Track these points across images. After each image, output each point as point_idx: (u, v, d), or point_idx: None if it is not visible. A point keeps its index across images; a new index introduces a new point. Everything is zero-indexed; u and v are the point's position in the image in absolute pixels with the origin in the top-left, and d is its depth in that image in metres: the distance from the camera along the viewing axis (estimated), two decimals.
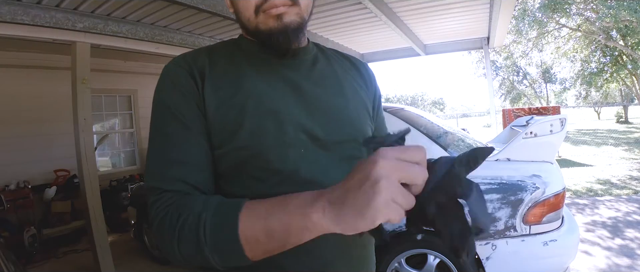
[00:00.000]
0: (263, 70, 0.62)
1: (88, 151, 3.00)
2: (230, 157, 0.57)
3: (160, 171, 0.56)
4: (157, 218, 0.52)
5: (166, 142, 0.57)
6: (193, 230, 0.48)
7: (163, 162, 0.56)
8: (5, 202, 3.22)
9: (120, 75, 5.38)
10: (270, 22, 0.57)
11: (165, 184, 0.54)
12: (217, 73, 0.60)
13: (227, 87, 0.59)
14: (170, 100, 0.58)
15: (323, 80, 0.66)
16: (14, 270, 1.70)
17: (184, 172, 0.55)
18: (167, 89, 0.59)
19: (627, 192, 4.62)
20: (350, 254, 0.63)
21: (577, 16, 12.98)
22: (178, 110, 0.57)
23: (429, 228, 0.40)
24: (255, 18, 0.58)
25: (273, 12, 0.56)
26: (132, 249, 3.83)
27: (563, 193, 1.90)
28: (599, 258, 2.76)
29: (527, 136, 1.98)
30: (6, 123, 4.13)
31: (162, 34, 3.64)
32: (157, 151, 0.58)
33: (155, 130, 0.59)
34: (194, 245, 0.48)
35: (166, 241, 0.50)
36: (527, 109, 6.96)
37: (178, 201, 0.52)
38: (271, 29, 0.57)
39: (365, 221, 0.37)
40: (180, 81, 0.59)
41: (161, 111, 0.59)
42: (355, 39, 5.34)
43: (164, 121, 0.58)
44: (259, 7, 0.56)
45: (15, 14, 2.54)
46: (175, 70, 0.60)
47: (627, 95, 19.84)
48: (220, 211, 0.48)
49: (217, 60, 0.62)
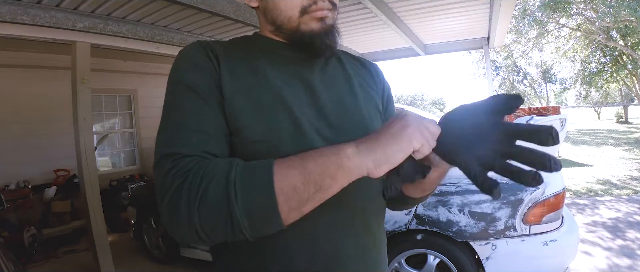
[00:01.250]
0: (279, 67, 0.63)
1: (88, 151, 3.00)
2: (245, 148, 0.56)
3: (179, 138, 0.52)
4: (172, 186, 0.47)
5: (184, 115, 0.55)
6: (220, 191, 0.45)
7: (182, 131, 0.53)
8: (5, 202, 3.22)
9: (120, 75, 5.38)
10: (313, 23, 0.59)
11: (185, 150, 0.51)
12: (233, 61, 0.60)
13: (243, 76, 0.59)
14: (187, 77, 0.57)
15: (335, 80, 0.67)
16: (14, 270, 1.70)
17: (205, 141, 0.53)
18: (184, 66, 0.59)
19: (627, 192, 4.62)
20: (365, 255, 0.63)
21: (577, 16, 12.97)
22: (195, 85, 0.56)
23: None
24: (298, 18, 0.59)
25: (319, 14, 0.58)
26: (132, 249, 3.83)
27: (563, 193, 1.90)
28: (599, 259, 2.76)
29: None
30: (6, 123, 4.13)
31: (162, 34, 3.64)
32: (174, 122, 0.54)
33: (171, 105, 0.56)
34: (220, 209, 0.45)
35: (182, 212, 0.46)
36: (527, 109, 6.93)
37: (198, 165, 0.48)
38: (313, 30, 0.59)
39: (400, 145, 0.46)
40: (198, 59, 0.59)
41: (177, 87, 0.57)
42: (355, 39, 5.34)
43: (181, 96, 0.56)
44: (306, 8, 0.58)
45: (15, 14, 2.54)
46: (192, 50, 0.60)
47: (627, 95, 19.85)
48: (250, 166, 0.47)
49: (232, 50, 0.63)
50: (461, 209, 1.94)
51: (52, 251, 3.89)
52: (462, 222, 1.93)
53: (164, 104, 0.58)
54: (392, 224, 2.08)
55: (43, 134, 4.44)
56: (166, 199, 0.48)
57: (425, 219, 2.01)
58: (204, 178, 0.46)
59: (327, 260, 0.58)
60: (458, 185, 1.99)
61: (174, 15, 3.36)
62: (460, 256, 1.97)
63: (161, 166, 0.51)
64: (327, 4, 0.59)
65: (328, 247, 0.59)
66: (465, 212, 1.93)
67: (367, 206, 0.64)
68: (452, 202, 1.97)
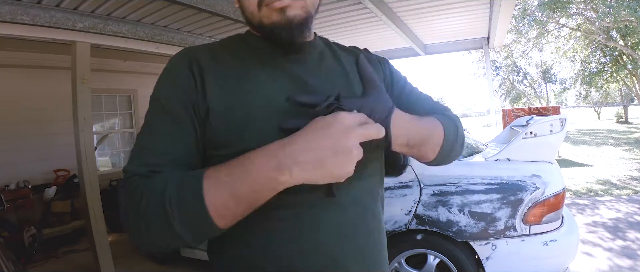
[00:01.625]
0: (269, 66, 0.61)
1: (88, 151, 3.00)
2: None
3: (135, 155, 0.55)
4: (123, 203, 0.52)
5: (150, 132, 0.57)
6: (158, 210, 0.47)
7: (140, 149, 0.56)
8: (5, 202, 3.22)
9: (120, 75, 5.38)
10: (273, 15, 0.55)
11: (135, 167, 0.54)
12: (221, 69, 0.59)
13: (231, 85, 0.58)
14: (163, 93, 0.58)
15: (331, 74, 0.65)
16: (14, 270, 1.70)
17: (159, 161, 0.54)
18: (164, 81, 0.59)
19: (627, 192, 4.62)
20: (365, 257, 0.62)
21: (577, 16, 12.97)
22: (168, 103, 0.57)
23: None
24: (258, 12, 0.57)
25: (276, 5, 0.54)
26: (132, 249, 3.83)
27: (563, 193, 1.90)
28: (600, 259, 2.76)
29: (527, 136, 1.98)
30: (6, 123, 4.13)
31: (162, 34, 3.64)
32: (139, 139, 0.57)
33: (145, 120, 0.59)
34: (163, 225, 0.47)
35: (133, 226, 0.50)
36: (527, 109, 6.96)
37: (140, 184, 0.51)
38: (274, 23, 0.56)
39: (335, 179, 0.47)
40: (178, 75, 0.58)
41: (153, 103, 0.59)
42: (355, 39, 5.34)
43: (153, 113, 0.58)
44: (261, 0, 0.55)
45: (15, 14, 2.54)
46: (176, 64, 0.60)
47: (627, 95, 19.85)
48: (183, 183, 0.49)
49: (222, 56, 0.61)
50: (461, 209, 1.94)
51: (52, 251, 3.89)
52: (462, 222, 1.93)
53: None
54: (392, 224, 2.07)
55: (43, 134, 4.44)
56: (121, 214, 0.52)
57: (425, 219, 2.01)
58: (143, 197, 0.49)
59: (327, 262, 0.58)
60: (458, 185, 1.99)
61: (174, 15, 3.36)
62: (460, 256, 1.97)
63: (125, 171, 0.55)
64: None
65: (327, 249, 0.58)
66: (465, 212, 1.93)
67: (365, 207, 0.63)
68: (452, 202, 1.96)
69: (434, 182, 2.04)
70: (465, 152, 2.29)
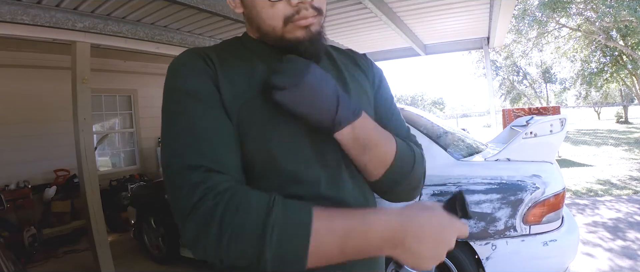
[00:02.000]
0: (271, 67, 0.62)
1: (88, 151, 3.00)
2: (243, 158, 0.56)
3: (196, 151, 0.51)
4: (202, 205, 0.47)
5: (193, 125, 0.53)
6: (257, 231, 0.45)
7: (196, 144, 0.52)
8: (5, 202, 3.22)
9: (120, 75, 5.38)
10: (298, 32, 0.57)
11: (214, 164, 0.50)
12: (228, 67, 0.59)
13: (240, 82, 0.58)
14: (187, 84, 0.56)
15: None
16: (14, 270, 1.70)
17: (222, 152, 0.52)
18: (182, 74, 0.57)
19: (627, 192, 4.62)
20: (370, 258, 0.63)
21: (577, 16, 12.97)
22: (197, 91, 0.55)
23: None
24: (282, 28, 0.57)
25: (303, 23, 0.57)
26: (132, 249, 3.83)
27: (563, 193, 1.90)
28: (601, 260, 2.76)
29: (527, 136, 1.98)
30: (6, 123, 4.13)
31: (162, 34, 3.64)
32: (183, 135, 0.53)
33: (174, 117, 0.55)
34: (252, 247, 0.45)
35: (211, 237, 0.46)
36: (527, 109, 6.95)
37: (234, 191, 0.48)
38: (298, 38, 0.58)
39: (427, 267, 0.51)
40: (195, 65, 0.58)
41: (178, 97, 0.56)
42: (355, 39, 5.34)
43: (184, 105, 0.55)
44: (289, 18, 0.56)
45: (15, 14, 2.54)
46: (188, 57, 0.59)
47: (627, 95, 19.84)
48: (291, 213, 0.47)
49: (226, 56, 0.62)
50: None
51: (52, 251, 3.89)
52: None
53: (165, 114, 0.56)
54: None
55: (43, 134, 4.44)
56: (194, 217, 0.47)
57: None
58: (240, 210, 0.46)
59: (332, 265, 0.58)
60: (458, 185, 1.99)
61: (174, 15, 3.36)
62: (460, 256, 1.97)
63: (182, 178, 0.50)
64: (311, 11, 0.57)
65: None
66: None
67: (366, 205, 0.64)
68: None
69: (433, 182, 2.04)
70: (465, 152, 2.29)
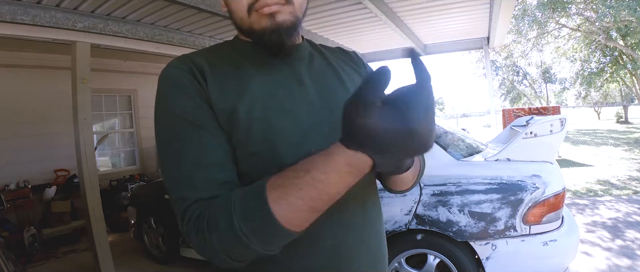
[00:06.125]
0: (264, 70, 0.61)
1: (88, 151, 3.00)
2: (244, 161, 0.56)
3: (184, 178, 0.53)
4: (191, 233, 0.51)
5: (183, 150, 0.54)
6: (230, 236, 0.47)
7: (185, 171, 0.53)
8: (5, 202, 3.23)
9: (120, 75, 5.39)
10: (263, 21, 0.56)
11: (192, 193, 0.52)
12: (218, 74, 0.59)
13: (232, 89, 0.57)
14: (177, 105, 0.55)
15: (322, 74, 0.66)
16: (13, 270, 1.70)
17: (211, 173, 0.53)
18: (170, 93, 0.56)
19: (627, 192, 4.62)
20: (369, 248, 0.64)
21: (577, 16, 12.97)
22: (187, 113, 0.55)
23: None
24: (248, 18, 0.57)
25: (265, 10, 0.55)
26: (132, 249, 3.83)
27: (563, 193, 1.90)
28: (599, 259, 2.76)
29: (527, 136, 1.98)
30: (6, 123, 4.13)
31: (162, 34, 3.64)
32: (174, 161, 0.54)
33: (167, 139, 0.55)
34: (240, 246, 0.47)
35: (209, 254, 0.50)
36: (527, 109, 6.96)
37: (202, 215, 0.50)
38: (264, 28, 0.56)
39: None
40: (183, 82, 0.56)
41: (169, 119, 0.56)
42: (355, 39, 5.34)
43: (175, 128, 0.55)
44: (251, 6, 0.56)
45: (15, 14, 2.54)
46: (175, 73, 0.57)
47: (627, 95, 19.83)
48: (246, 202, 0.47)
49: (216, 61, 0.61)
50: (461, 209, 1.94)
51: (52, 251, 3.89)
52: (462, 222, 1.93)
53: (158, 136, 0.57)
54: (392, 224, 2.08)
55: (43, 134, 4.44)
56: (193, 243, 0.51)
57: (425, 219, 2.01)
58: (211, 230, 0.48)
59: (331, 256, 0.58)
60: (458, 185, 1.99)
61: (174, 15, 3.36)
62: (460, 256, 1.97)
63: (177, 208, 0.53)
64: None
65: (331, 243, 0.58)
66: (465, 212, 1.93)
67: (365, 197, 0.64)
68: (452, 202, 1.97)
69: (434, 182, 2.04)
70: (465, 152, 2.29)
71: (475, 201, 1.93)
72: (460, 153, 2.23)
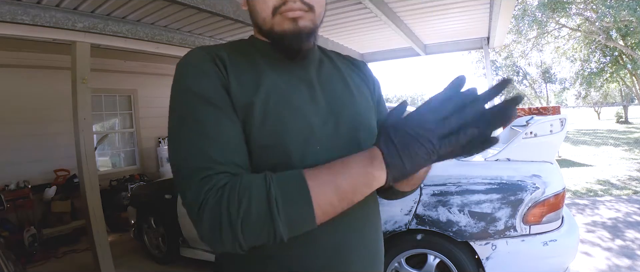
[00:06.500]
0: (278, 69, 0.63)
1: (88, 151, 3.00)
2: (254, 153, 0.57)
3: (203, 154, 0.52)
4: (207, 204, 0.49)
5: (202, 127, 0.53)
6: (263, 209, 0.48)
7: (204, 146, 0.52)
8: (5, 202, 3.23)
9: (120, 75, 5.38)
10: (285, 24, 0.58)
11: (214, 164, 0.51)
12: (237, 67, 0.60)
13: (248, 83, 0.59)
14: (197, 85, 0.56)
15: (330, 79, 0.69)
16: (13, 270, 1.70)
17: (229, 153, 0.53)
18: (192, 75, 0.57)
19: (627, 192, 4.62)
20: (368, 246, 0.65)
21: (577, 16, 12.97)
22: (207, 93, 0.55)
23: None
24: (271, 19, 0.59)
25: (290, 15, 0.58)
26: (132, 249, 3.83)
27: (563, 193, 1.90)
28: (599, 259, 2.76)
29: (527, 136, 1.98)
30: (6, 123, 4.13)
31: (162, 34, 3.64)
32: (192, 137, 0.53)
33: (183, 118, 0.55)
34: (264, 225, 0.48)
35: (225, 230, 0.48)
36: (527, 109, 6.96)
37: (232, 182, 0.50)
38: (285, 31, 0.59)
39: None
40: (204, 66, 0.58)
41: (189, 97, 0.56)
42: (355, 39, 5.34)
43: (193, 107, 0.55)
44: (276, 8, 0.58)
45: (15, 14, 2.54)
46: (197, 57, 0.59)
47: (627, 95, 19.84)
48: (286, 183, 0.50)
49: (235, 55, 0.62)
50: (461, 209, 1.94)
51: (52, 251, 3.89)
52: (462, 222, 1.94)
53: (174, 113, 0.57)
54: (392, 224, 2.08)
55: (43, 134, 4.44)
56: (204, 217, 0.49)
57: (425, 219, 2.01)
58: (242, 196, 0.48)
59: (331, 256, 0.59)
60: (458, 185, 1.99)
61: (174, 15, 3.36)
62: (460, 256, 1.97)
63: (190, 181, 0.51)
64: (299, 4, 0.58)
65: (331, 243, 0.59)
66: (465, 212, 1.93)
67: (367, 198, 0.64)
68: (452, 202, 1.97)
69: (434, 182, 2.04)
70: None
71: (475, 201, 1.93)
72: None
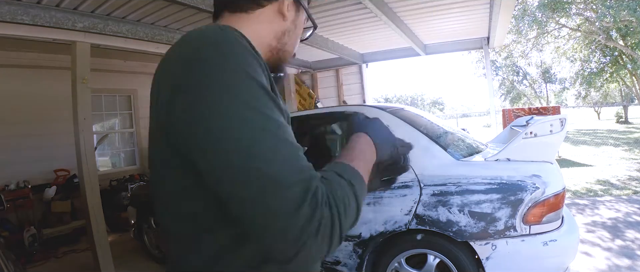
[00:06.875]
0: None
1: (88, 151, 3.00)
2: None
3: (299, 159, 0.49)
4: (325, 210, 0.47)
5: (280, 129, 0.49)
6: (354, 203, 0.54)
7: (294, 152, 0.49)
8: (5, 202, 3.23)
9: (120, 75, 5.39)
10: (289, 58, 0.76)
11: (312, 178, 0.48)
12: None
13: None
14: (261, 77, 0.52)
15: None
16: (13, 270, 1.70)
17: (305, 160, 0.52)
18: (251, 65, 0.51)
19: (627, 192, 4.62)
20: None
21: (577, 16, 12.97)
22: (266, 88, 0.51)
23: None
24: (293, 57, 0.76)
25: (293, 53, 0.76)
26: (132, 249, 3.83)
27: (563, 193, 1.90)
28: (599, 259, 2.76)
29: (527, 136, 1.98)
30: (6, 123, 4.13)
31: (162, 34, 3.64)
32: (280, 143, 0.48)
33: (261, 112, 0.48)
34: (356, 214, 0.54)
35: (335, 240, 0.49)
36: (527, 109, 6.96)
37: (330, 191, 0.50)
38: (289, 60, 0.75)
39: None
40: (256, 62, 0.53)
41: (258, 90, 0.50)
42: (355, 39, 5.34)
43: (267, 105, 0.50)
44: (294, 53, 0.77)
45: (15, 14, 2.54)
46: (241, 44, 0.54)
47: (627, 95, 19.82)
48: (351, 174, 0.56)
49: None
50: (461, 209, 1.94)
51: (52, 251, 3.89)
52: (462, 222, 1.93)
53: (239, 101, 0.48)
54: (392, 224, 2.08)
55: (43, 134, 4.44)
56: (325, 223, 0.47)
57: (425, 219, 2.01)
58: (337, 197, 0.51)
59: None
60: (458, 185, 1.99)
61: (174, 15, 3.37)
62: (460, 256, 1.97)
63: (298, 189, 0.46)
64: None
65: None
66: (465, 212, 1.93)
67: None
68: (452, 202, 1.97)
69: (434, 182, 2.04)
70: (465, 152, 2.29)
71: (475, 201, 1.93)
72: (460, 153, 2.23)
